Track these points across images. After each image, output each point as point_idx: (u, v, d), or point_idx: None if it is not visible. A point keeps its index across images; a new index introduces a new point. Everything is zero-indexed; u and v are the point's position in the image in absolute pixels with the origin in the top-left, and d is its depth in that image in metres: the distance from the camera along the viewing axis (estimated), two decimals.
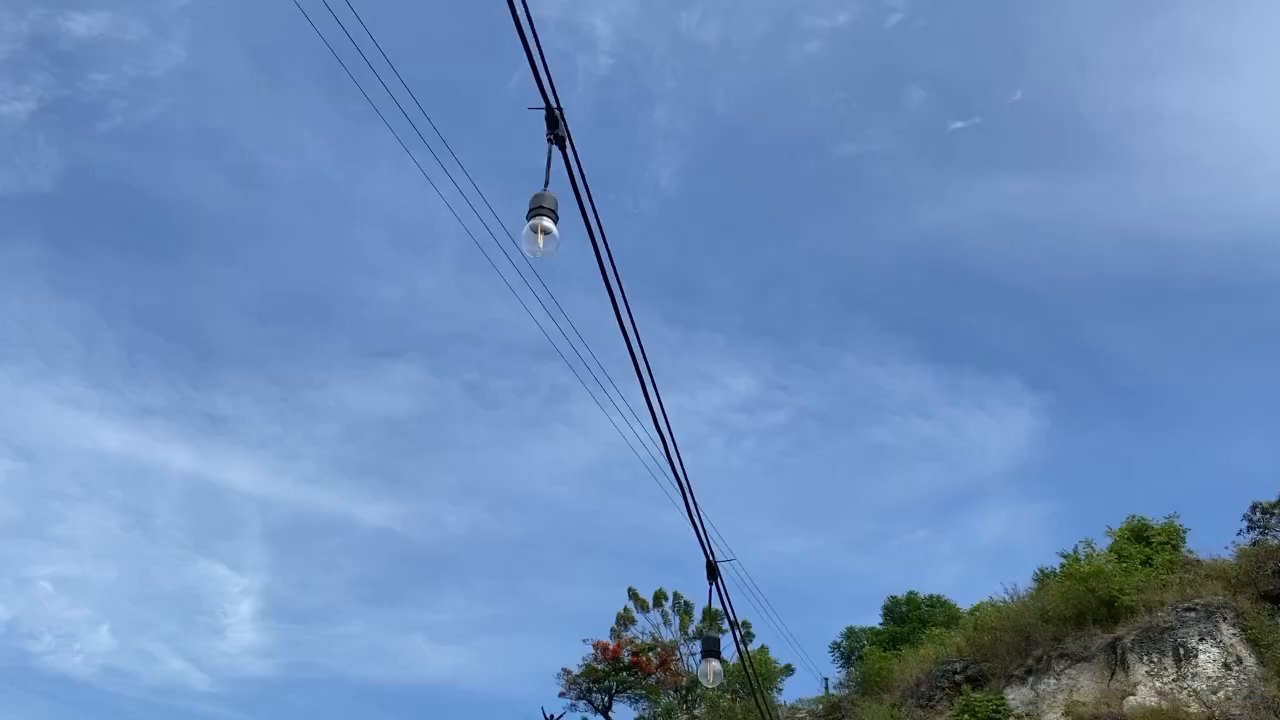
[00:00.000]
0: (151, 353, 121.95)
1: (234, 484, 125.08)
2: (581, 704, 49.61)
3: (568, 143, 4.45)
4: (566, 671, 49.43)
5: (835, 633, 50.34)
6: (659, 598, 49.98)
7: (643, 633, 49.81)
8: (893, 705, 35.37)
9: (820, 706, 40.86)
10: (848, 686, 42.97)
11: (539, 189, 4.62)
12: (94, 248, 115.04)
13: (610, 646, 49.00)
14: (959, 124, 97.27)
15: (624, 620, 50.72)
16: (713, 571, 4.86)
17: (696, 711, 46.01)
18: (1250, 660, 27.89)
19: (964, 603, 43.69)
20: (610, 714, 49.59)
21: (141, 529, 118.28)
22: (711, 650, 8.28)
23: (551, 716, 45.69)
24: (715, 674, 8.19)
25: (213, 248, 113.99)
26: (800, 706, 42.46)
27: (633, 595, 50.97)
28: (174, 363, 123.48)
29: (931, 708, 34.37)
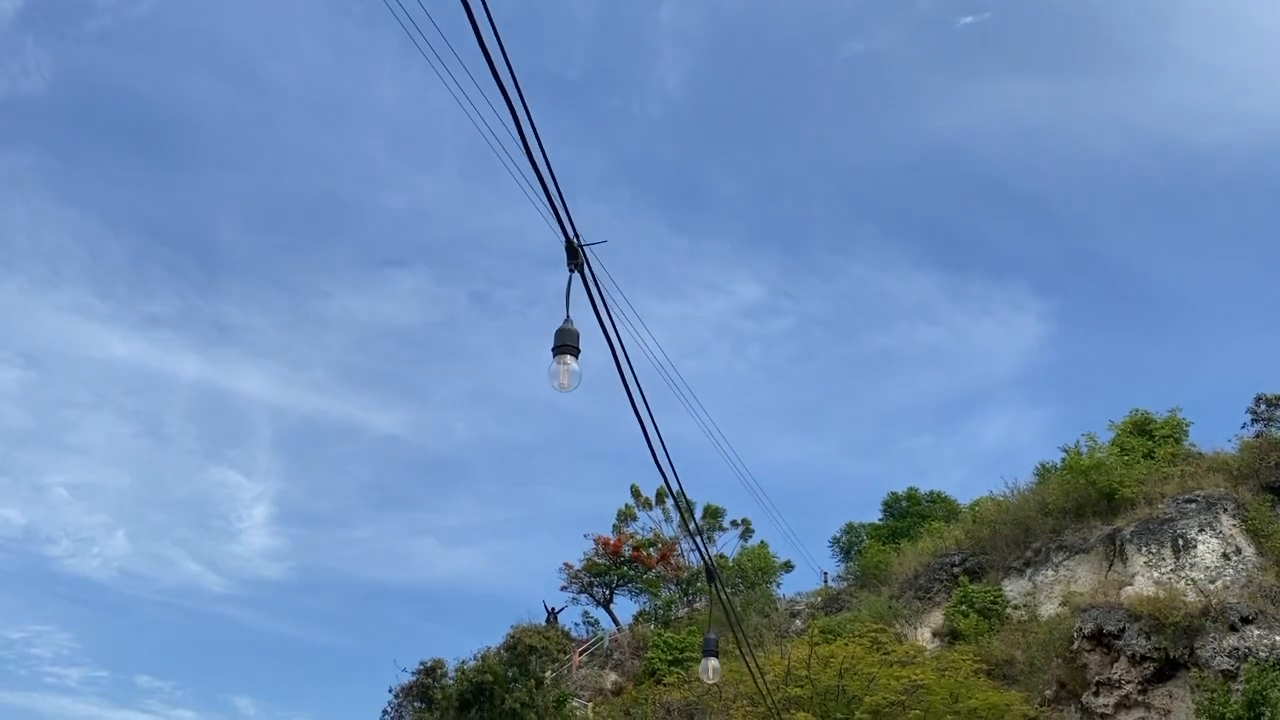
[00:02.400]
0: (157, 262, 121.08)
1: (244, 392, 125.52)
2: (583, 597, 50.21)
3: (587, 268, 4.62)
4: (568, 566, 49.90)
5: (836, 531, 50.71)
6: (661, 495, 50.01)
7: (644, 529, 50.14)
8: (891, 597, 35.59)
9: (819, 599, 41.18)
10: (846, 580, 43.29)
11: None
12: (95, 155, 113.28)
13: (611, 541, 49.34)
14: (968, 19, 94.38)
15: (626, 517, 50.98)
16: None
17: (696, 605, 46.52)
18: (1249, 550, 27.82)
19: (965, 500, 43.75)
20: (611, 607, 50.25)
21: (153, 436, 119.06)
22: (711, 650, 8.26)
23: (553, 609, 46.19)
24: (714, 671, 8.13)
25: (215, 155, 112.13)
26: (799, 600, 42.84)
27: (635, 493, 51.14)
28: (180, 272, 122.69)
29: (929, 599, 34.58)
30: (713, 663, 8.41)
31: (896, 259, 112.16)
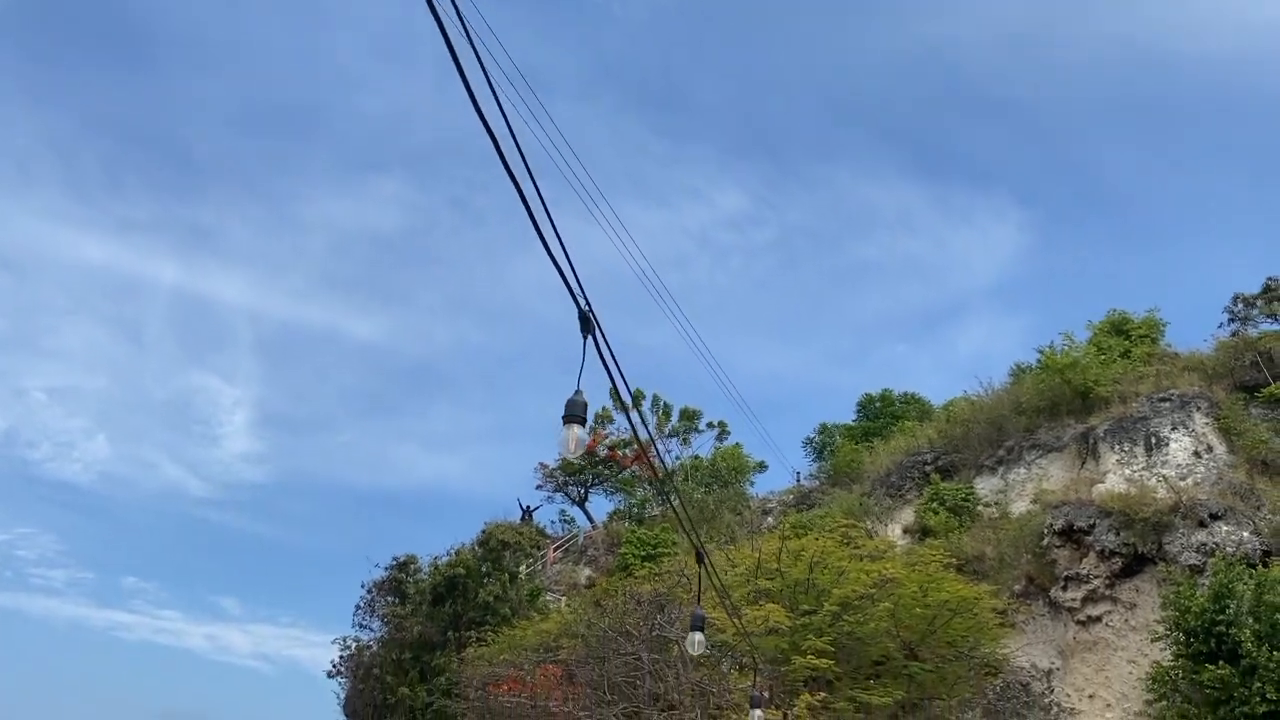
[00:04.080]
0: (132, 166, 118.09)
1: (222, 297, 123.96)
2: (559, 496, 50.42)
3: (601, 338, 4.92)
4: (543, 465, 49.95)
5: (810, 432, 50.82)
6: (638, 398, 49.80)
7: (621, 429, 50.13)
8: (862, 495, 35.72)
9: (791, 497, 41.38)
10: (819, 479, 43.47)
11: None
12: (65, 56, 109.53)
13: (587, 442, 49.31)
14: None
15: (602, 419, 50.90)
16: (586, 323, 4.34)
17: (671, 503, 46.72)
18: (1221, 448, 27.88)
19: (939, 402, 43.72)
20: (586, 506, 50.50)
21: (132, 341, 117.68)
22: (698, 626, 8.08)
23: (527, 507, 46.33)
24: (699, 644, 8.07)
25: (188, 58, 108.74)
26: (771, 498, 43.06)
27: (613, 395, 50.85)
28: (155, 176, 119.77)
29: (901, 497, 34.71)
30: (698, 636, 8.27)
31: (880, 167, 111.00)
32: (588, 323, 4.70)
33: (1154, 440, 28.28)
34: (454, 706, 28.51)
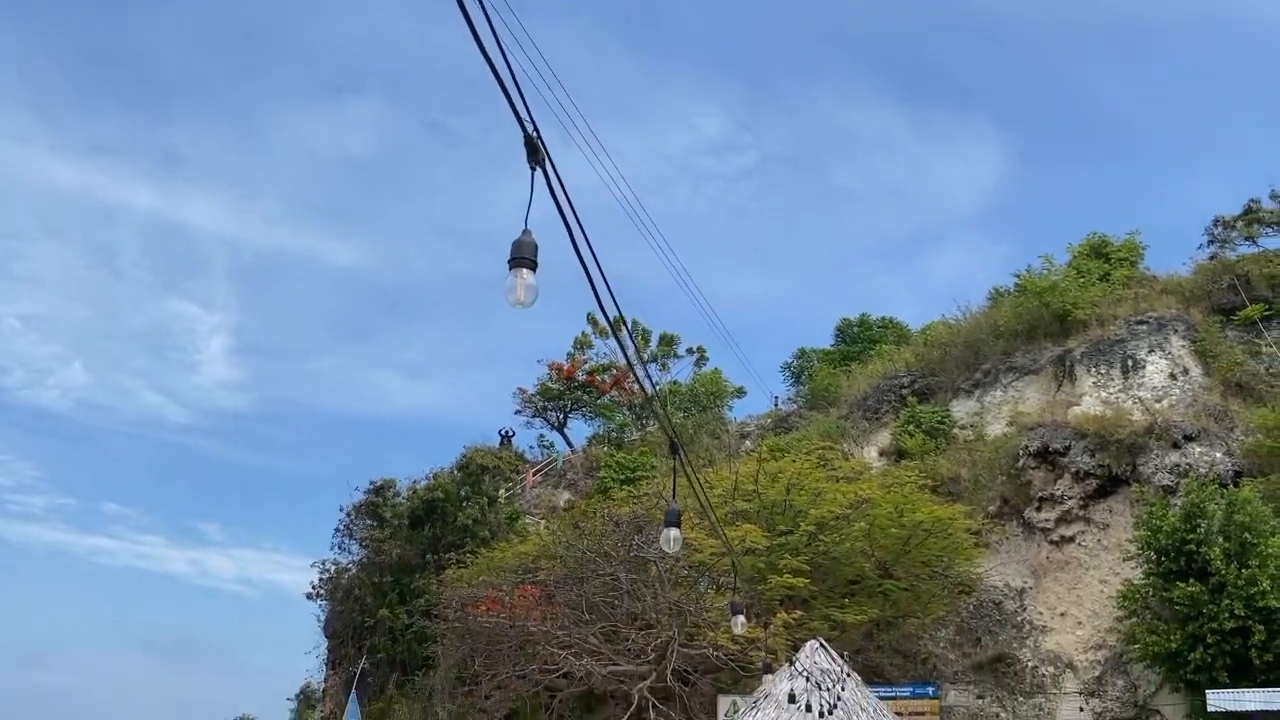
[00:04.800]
0: (100, 87, 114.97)
1: (197, 223, 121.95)
2: (537, 421, 50.38)
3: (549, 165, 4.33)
4: (522, 390, 49.82)
5: (788, 357, 50.83)
6: (617, 323, 49.53)
7: (601, 356, 49.97)
8: (839, 418, 35.81)
9: (769, 421, 41.46)
10: (796, 403, 43.55)
11: None
12: None
13: (565, 367, 49.16)
14: None
15: (581, 344, 50.69)
16: (534, 151, 3.97)
17: (649, 428, 46.81)
18: (1196, 371, 28.00)
19: (917, 326, 43.68)
20: (565, 431, 50.52)
21: (106, 267, 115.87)
22: (673, 521, 7.86)
23: (505, 431, 46.28)
24: (675, 540, 7.81)
25: None
26: (749, 422, 43.14)
27: (591, 320, 50.62)
28: (125, 98, 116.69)
29: (877, 420, 34.82)
30: (674, 533, 8.10)
31: (860, 90, 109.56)
32: (535, 150, 4.17)
33: (1130, 363, 28.36)
34: (433, 627, 28.71)
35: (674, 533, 7.57)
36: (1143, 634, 21.20)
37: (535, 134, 4.09)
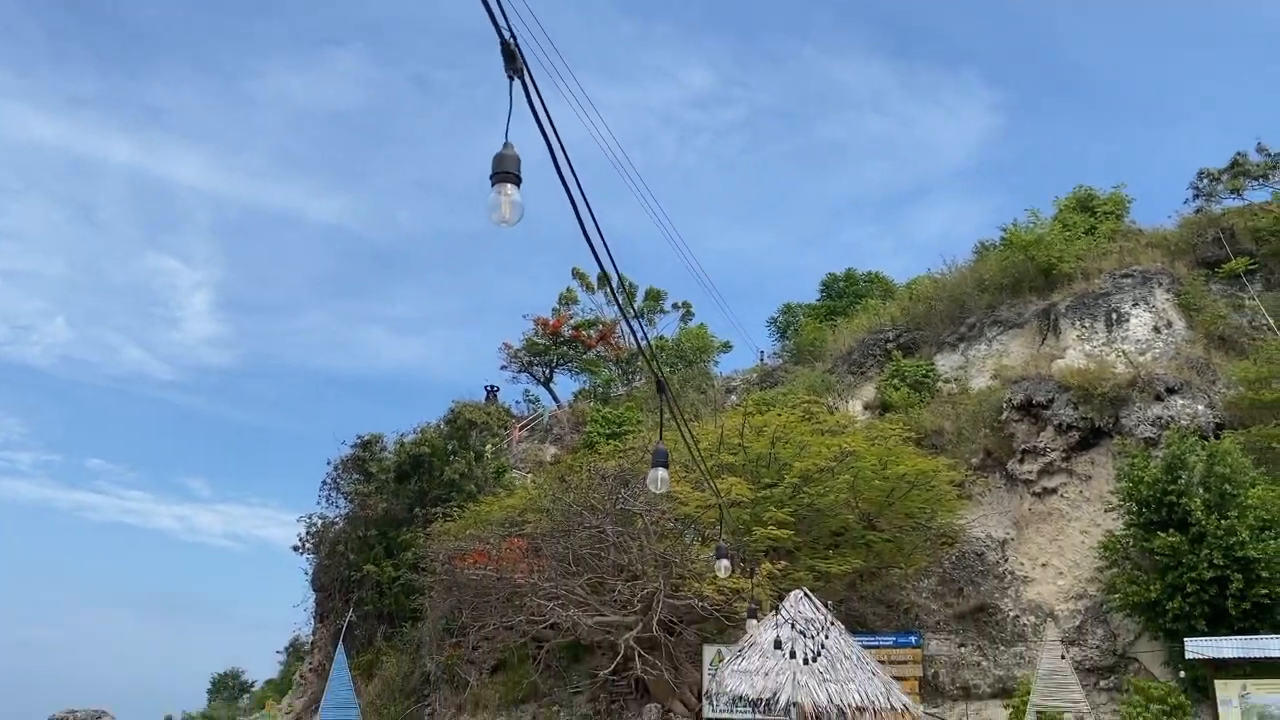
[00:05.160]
0: (78, 39, 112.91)
1: (179, 178, 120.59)
2: (523, 376, 50.44)
3: (531, 83, 4.11)
4: (507, 345, 49.82)
5: (774, 312, 50.85)
6: (603, 279, 49.42)
7: (586, 311, 49.90)
8: (825, 372, 35.92)
9: (754, 376, 41.57)
10: (782, 357, 43.64)
11: None
12: None
13: (550, 322, 49.11)
14: None
15: (567, 300, 50.60)
16: (511, 59, 3.76)
17: (635, 383, 46.88)
18: (1180, 324, 28.13)
19: (903, 281, 43.70)
20: (551, 386, 50.58)
21: (87, 222, 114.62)
22: (661, 461, 7.75)
23: (491, 387, 46.31)
24: (663, 481, 7.71)
25: None
26: (734, 376, 43.24)
27: (577, 275, 50.51)
28: (103, 50, 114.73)
29: (862, 374, 34.95)
30: (661, 473, 8.08)
31: (849, 45, 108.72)
32: (512, 59, 3.90)
33: (1114, 316, 28.47)
34: (420, 580, 28.86)
35: (661, 473, 7.57)
36: (1123, 584, 21.47)
37: (512, 40, 3.86)
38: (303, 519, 37.96)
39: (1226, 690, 17.70)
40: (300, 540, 37.74)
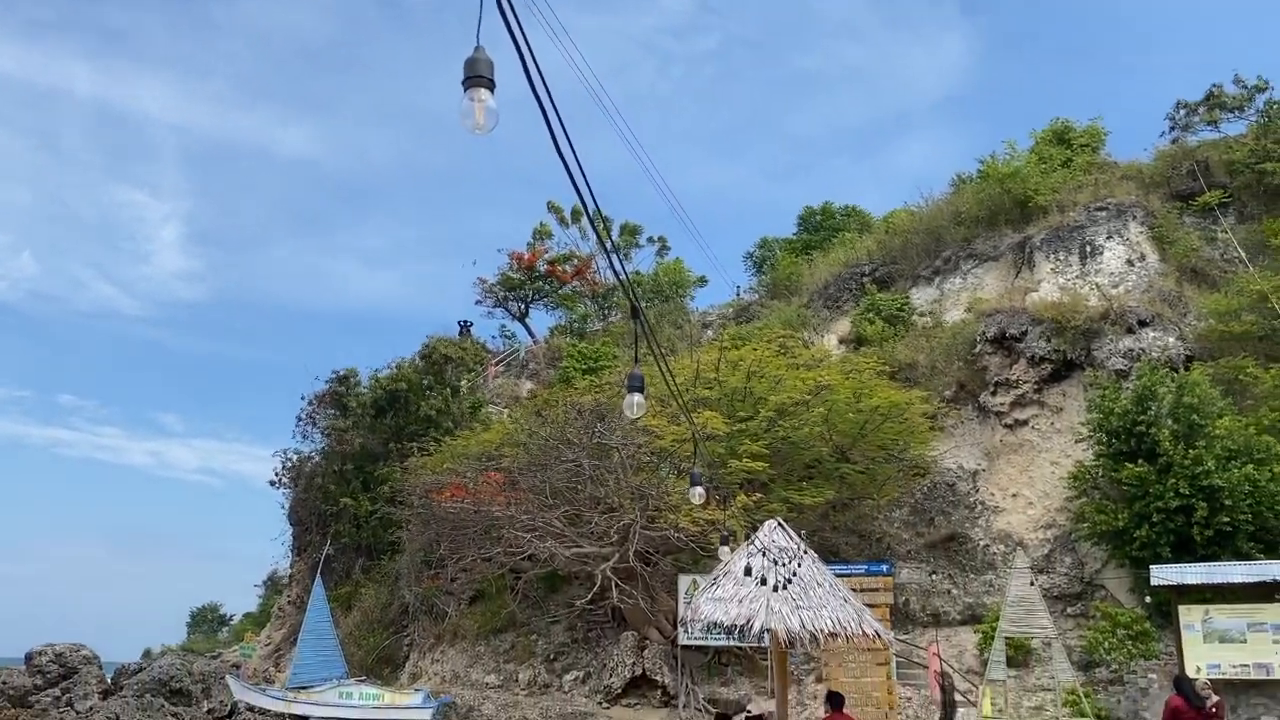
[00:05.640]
0: None
1: (143, 107, 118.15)
2: (498, 311, 50.24)
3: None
4: (482, 280, 49.50)
5: (750, 246, 50.70)
6: (577, 213, 49.06)
7: (561, 245, 49.58)
8: (800, 306, 35.98)
9: (730, 310, 41.61)
10: (758, 292, 43.65)
11: None
12: None
13: (525, 256, 48.78)
14: None
15: (541, 234, 50.21)
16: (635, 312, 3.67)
17: (612, 318, 46.82)
18: (1153, 257, 28.27)
19: (879, 215, 43.60)
20: (527, 321, 50.43)
21: (50, 152, 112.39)
22: (636, 387, 7.57)
23: (465, 322, 46.14)
24: (639, 406, 7.56)
25: None
26: (711, 311, 43.27)
27: (552, 208, 50.09)
28: None
29: (838, 308, 35.02)
30: (637, 398, 8.02)
31: None
32: None
33: (1089, 249, 28.57)
34: (398, 514, 29.00)
35: (637, 398, 7.55)
36: (1091, 513, 21.85)
37: None
38: (278, 454, 37.99)
39: (1189, 615, 18.13)
40: (276, 475, 37.78)
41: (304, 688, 22.16)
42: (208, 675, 26.05)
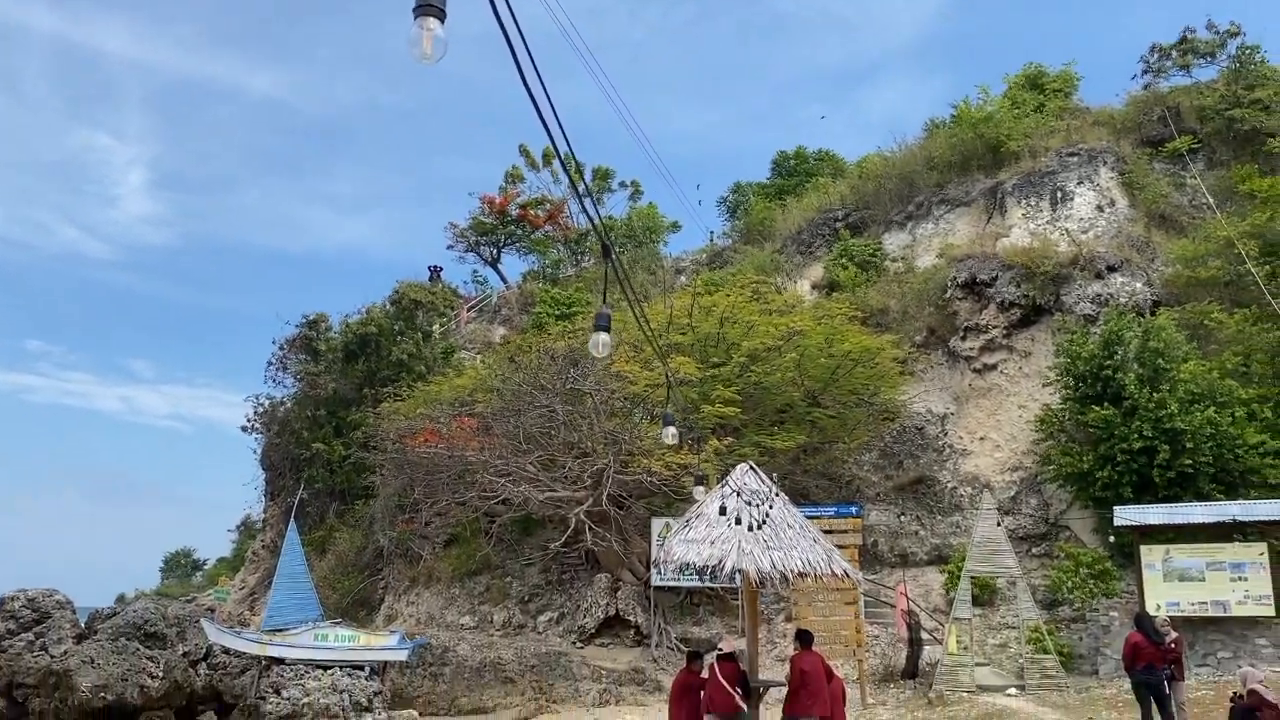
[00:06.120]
0: None
1: (106, 47, 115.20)
2: (470, 256, 49.90)
3: None
4: (453, 225, 49.09)
5: (724, 191, 50.53)
6: (549, 156, 48.60)
7: (533, 189, 49.17)
8: (773, 252, 35.99)
9: (704, 256, 41.56)
10: (731, 237, 43.60)
11: None
12: None
13: (497, 200, 48.36)
14: None
15: (513, 178, 49.75)
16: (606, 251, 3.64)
17: (584, 264, 46.64)
18: (1123, 203, 28.45)
19: (853, 160, 43.47)
20: (499, 266, 50.14)
21: (11, 94, 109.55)
22: (603, 325, 7.51)
23: (435, 267, 45.83)
24: (604, 345, 7.49)
25: None
26: (684, 257, 43.19)
27: (524, 152, 49.58)
28: None
29: (810, 254, 35.07)
30: (603, 337, 8.01)
31: None
32: None
33: (1059, 194, 28.71)
34: (371, 458, 29.03)
35: (603, 337, 7.55)
36: (1057, 455, 22.22)
37: None
38: (250, 399, 37.79)
39: (1151, 555, 18.54)
40: (248, 420, 37.65)
41: (279, 630, 22.28)
42: (182, 619, 26.08)
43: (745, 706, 10.86)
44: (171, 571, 66.44)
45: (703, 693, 11.00)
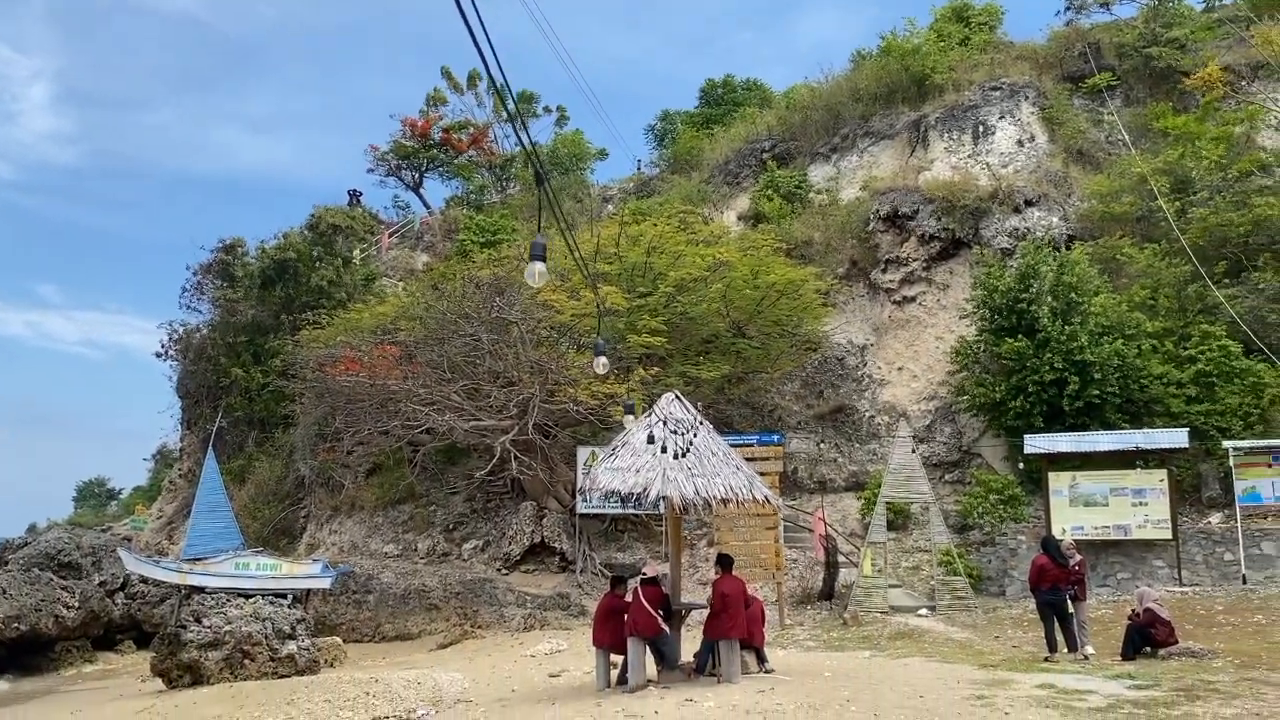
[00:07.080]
0: None
1: None
2: (391, 180, 48.87)
3: None
4: (374, 148, 47.95)
5: (652, 119, 50.02)
6: (473, 79, 47.54)
7: (456, 113, 48.15)
8: (701, 182, 35.92)
9: (631, 185, 41.29)
10: (659, 166, 43.34)
11: None
12: None
13: (419, 124, 47.29)
14: None
15: (435, 100, 48.62)
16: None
17: (510, 190, 46.02)
18: (1042, 138, 28.92)
19: (782, 90, 43.34)
20: (422, 191, 49.23)
21: None
22: (539, 255, 7.39)
23: (354, 191, 44.79)
24: (540, 275, 7.37)
25: None
26: (611, 185, 42.87)
27: (446, 74, 48.42)
28: None
29: (737, 185, 35.08)
30: (539, 266, 7.94)
31: None
32: None
33: (981, 129, 29.07)
34: (291, 386, 28.61)
35: (539, 266, 7.50)
36: (971, 386, 22.84)
37: None
38: (164, 325, 36.86)
39: (1058, 481, 19.27)
40: (163, 346, 36.75)
41: (199, 559, 22.08)
42: (98, 548, 25.68)
43: (667, 629, 11.10)
44: (85, 501, 65.13)
45: (626, 616, 11.21)
